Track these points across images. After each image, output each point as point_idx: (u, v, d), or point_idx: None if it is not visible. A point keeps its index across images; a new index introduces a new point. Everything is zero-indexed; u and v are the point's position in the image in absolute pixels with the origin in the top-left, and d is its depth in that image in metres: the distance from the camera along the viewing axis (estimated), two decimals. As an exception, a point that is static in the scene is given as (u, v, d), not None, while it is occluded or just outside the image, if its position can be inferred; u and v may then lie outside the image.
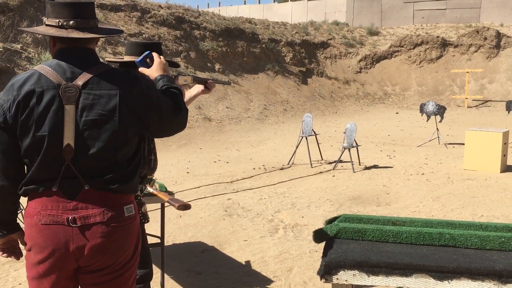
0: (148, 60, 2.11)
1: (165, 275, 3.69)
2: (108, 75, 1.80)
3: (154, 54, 2.11)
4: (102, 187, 1.77)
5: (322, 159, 9.04)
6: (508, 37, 21.59)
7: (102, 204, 1.76)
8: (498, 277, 2.02)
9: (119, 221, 1.78)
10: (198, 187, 6.95)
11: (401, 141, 11.38)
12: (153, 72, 2.06)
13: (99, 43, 13.40)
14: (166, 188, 3.49)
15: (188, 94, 3.05)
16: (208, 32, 17.78)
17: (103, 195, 1.77)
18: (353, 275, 2.12)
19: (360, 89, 20.89)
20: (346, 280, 2.13)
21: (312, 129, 8.92)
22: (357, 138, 9.83)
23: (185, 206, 2.68)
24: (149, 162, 2.60)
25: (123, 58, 2.70)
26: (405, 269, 2.08)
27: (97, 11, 14.70)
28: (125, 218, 1.81)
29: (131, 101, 1.79)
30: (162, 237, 3.47)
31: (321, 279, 2.14)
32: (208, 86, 3.00)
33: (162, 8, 17.54)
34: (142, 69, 2.08)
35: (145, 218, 2.58)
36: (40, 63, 10.59)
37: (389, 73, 22.11)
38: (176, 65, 2.94)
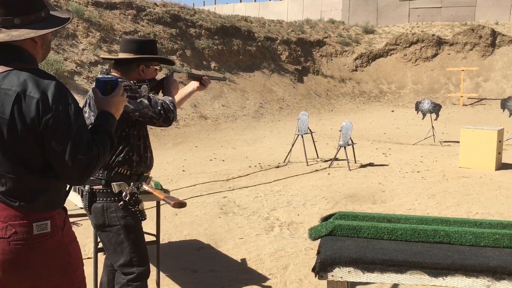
0: (109, 87, 1.83)
1: (161, 273, 3.69)
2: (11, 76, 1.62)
3: (119, 89, 1.84)
4: (5, 201, 1.63)
5: (317, 157, 9.05)
6: (503, 35, 21.67)
7: (5, 219, 1.62)
8: (492, 273, 2.03)
9: (25, 239, 1.63)
10: (194, 185, 6.94)
11: (397, 139, 11.41)
12: (104, 102, 1.81)
13: (92, 40, 13.36)
14: (161, 186, 3.49)
15: (184, 91, 3.04)
16: (203, 30, 17.75)
17: (8, 210, 1.63)
18: (348, 272, 2.12)
19: (355, 87, 20.92)
20: (341, 277, 2.14)
21: (308, 127, 8.93)
22: (353, 136, 9.84)
23: (180, 204, 2.67)
24: (146, 160, 2.60)
25: (117, 56, 2.69)
26: (400, 266, 2.08)
27: (92, 9, 14.66)
28: (33, 236, 1.64)
29: (28, 108, 1.57)
30: (157, 235, 3.47)
31: (316, 276, 2.14)
32: (203, 82, 2.98)
33: (157, 6, 17.49)
34: (95, 92, 1.83)
35: (142, 216, 2.58)
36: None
37: (384, 72, 22.15)
38: (171, 63, 2.93)
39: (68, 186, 1.81)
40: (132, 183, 2.53)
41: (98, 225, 2.57)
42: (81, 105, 2.05)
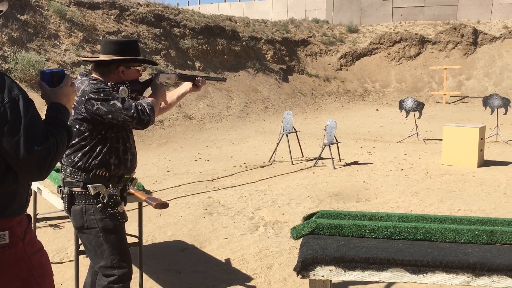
0: (55, 78, 1.76)
1: (144, 275, 3.66)
2: None
3: (68, 80, 1.78)
4: None
5: (302, 156, 9.07)
6: (484, 34, 21.95)
7: None
8: (471, 269, 2.05)
9: None
10: (179, 186, 6.91)
11: (381, 137, 11.49)
12: (53, 95, 1.72)
13: (75, 40, 13.21)
14: (143, 187, 3.46)
15: (176, 92, 2.97)
16: (188, 30, 17.68)
17: None
18: (330, 270, 2.12)
19: (340, 86, 21.02)
20: (323, 276, 2.14)
21: (293, 126, 8.94)
22: (338, 135, 9.89)
23: (162, 205, 2.65)
24: (125, 162, 2.56)
25: (98, 57, 2.64)
26: (381, 264, 2.09)
27: (74, 8, 14.51)
28: None
29: None
30: (140, 236, 3.44)
31: (298, 275, 2.14)
32: (196, 83, 2.91)
33: (141, 5, 17.37)
34: (41, 85, 1.74)
35: (122, 218, 2.55)
36: (15, 62, 10.24)
37: (369, 70, 22.29)
38: (153, 64, 2.89)
39: (29, 193, 1.72)
40: (110, 185, 2.50)
41: (77, 227, 2.54)
42: None
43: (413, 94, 20.03)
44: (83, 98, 2.40)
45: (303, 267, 2.13)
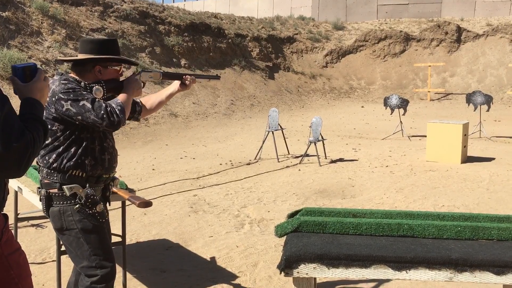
0: (28, 73, 1.71)
1: (128, 274, 3.62)
2: None
3: (41, 74, 1.73)
4: None
5: (288, 153, 9.07)
6: (468, 31, 22.18)
7: None
8: (454, 265, 2.06)
9: None
10: (164, 184, 6.86)
11: (366, 134, 11.55)
12: (26, 90, 1.68)
13: (58, 37, 13.04)
14: (126, 186, 3.42)
15: (164, 92, 2.86)
16: (173, 27, 17.56)
17: None
18: (314, 268, 2.12)
19: (326, 84, 21.09)
20: (307, 274, 2.13)
21: (279, 124, 8.94)
22: (324, 132, 9.91)
23: (146, 204, 2.62)
24: (103, 162, 2.51)
25: (77, 56, 2.59)
26: (364, 261, 2.09)
27: (57, 5, 14.31)
28: None
29: None
30: (123, 235, 3.40)
31: (281, 273, 2.13)
32: (184, 81, 2.82)
33: (125, 2, 17.21)
34: (14, 80, 1.69)
35: (102, 217, 2.51)
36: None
37: (354, 68, 22.39)
38: (134, 63, 2.84)
39: (5, 191, 1.69)
40: (88, 185, 2.46)
41: (57, 229, 2.50)
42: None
43: (398, 91, 20.18)
44: (53, 99, 2.35)
45: (287, 265, 2.12)
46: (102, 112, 2.33)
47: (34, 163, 1.74)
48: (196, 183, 6.95)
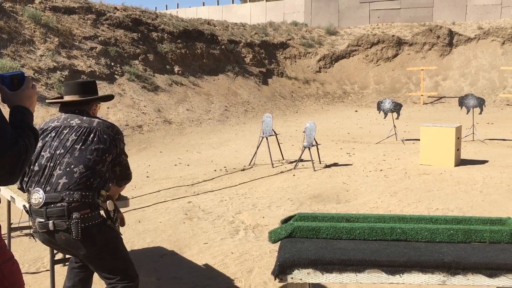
0: (15, 81, 1.73)
1: (123, 283, 3.60)
2: None
3: (28, 82, 1.75)
4: None
5: (283, 158, 9.08)
6: (460, 35, 22.34)
7: None
8: (447, 269, 2.07)
9: None
10: (158, 191, 6.84)
11: (360, 139, 11.58)
12: (15, 98, 1.70)
13: (51, 46, 13.01)
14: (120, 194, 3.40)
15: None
16: (166, 34, 17.58)
17: None
18: (308, 273, 2.12)
19: (320, 89, 21.15)
20: (301, 279, 2.13)
21: (273, 129, 8.95)
22: (318, 136, 9.93)
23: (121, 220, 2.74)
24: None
25: (63, 98, 2.72)
26: (358, 265, 2.10)
27: (49, 14, 14.30)
28: None
29: None
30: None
31: (275, 279, 2.13)
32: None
33: (118, 10, 17.21)
34: (1, 89, 1.71)
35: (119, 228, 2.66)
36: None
37: (347, 72, 22.48)
38: (110, 98, 2.99)
39: None
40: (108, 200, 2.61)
41: (88, 253, 2.47)
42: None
43: (391, 95, 20.27)
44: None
45: (281, 271, 2.12)
46: None
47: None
48: (191, 189, 6.94)
